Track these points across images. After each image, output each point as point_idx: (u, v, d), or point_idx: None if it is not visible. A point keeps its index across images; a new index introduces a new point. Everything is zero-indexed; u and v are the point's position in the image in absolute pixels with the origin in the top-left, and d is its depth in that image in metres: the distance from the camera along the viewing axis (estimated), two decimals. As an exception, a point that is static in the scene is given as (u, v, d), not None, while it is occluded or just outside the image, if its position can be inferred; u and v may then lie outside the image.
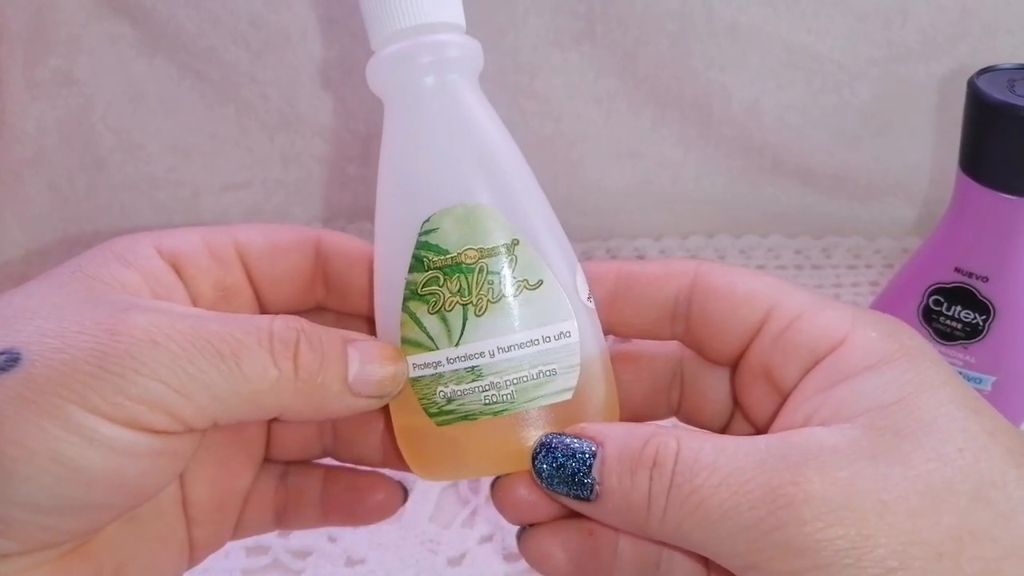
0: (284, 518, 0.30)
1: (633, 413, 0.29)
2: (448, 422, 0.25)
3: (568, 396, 0.25)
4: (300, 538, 0.43)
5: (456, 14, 0.26)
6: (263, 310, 0.28)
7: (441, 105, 0.26)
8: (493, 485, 0.26)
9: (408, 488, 0.31)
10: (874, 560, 0.19)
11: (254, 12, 0.56)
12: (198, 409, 0.21)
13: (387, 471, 0.30)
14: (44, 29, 0.57)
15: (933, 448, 0.20)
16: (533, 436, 0.24)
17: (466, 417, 0.24)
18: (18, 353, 0.20)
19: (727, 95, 0.58)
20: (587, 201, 0.62)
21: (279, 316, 0.23)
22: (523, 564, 0.41)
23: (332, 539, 0.42)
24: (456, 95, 0.26)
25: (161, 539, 0.26)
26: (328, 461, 0.31)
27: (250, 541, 0.42)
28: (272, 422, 0.29)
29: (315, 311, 0.29)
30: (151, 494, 0.23)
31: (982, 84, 0.37)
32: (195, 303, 0.26)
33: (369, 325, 0.28)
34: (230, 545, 0.42)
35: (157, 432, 0.21)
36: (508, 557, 0.41)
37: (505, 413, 0.24)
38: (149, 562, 0.25)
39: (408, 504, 0.43)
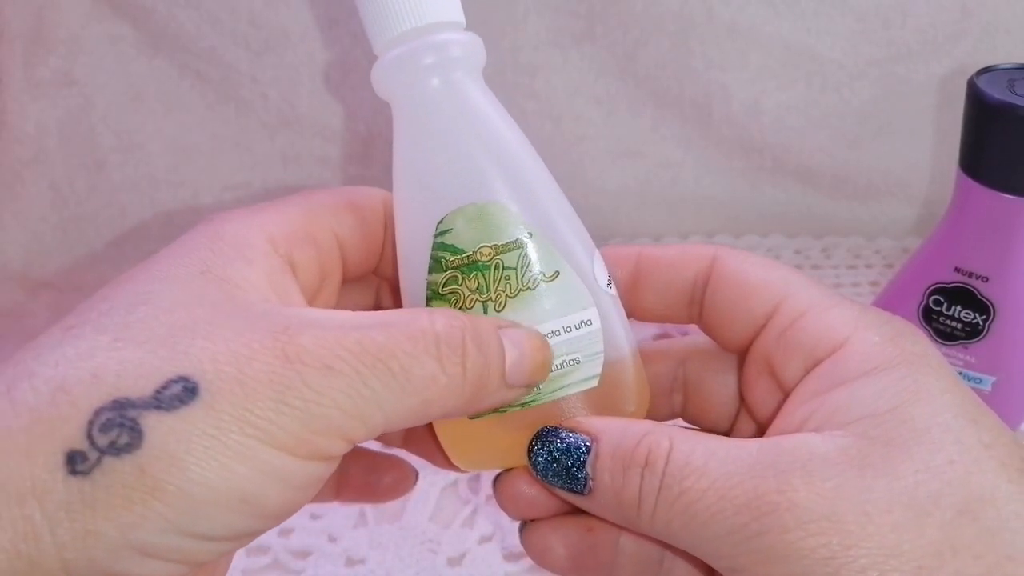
0: None
1: None
2: (479, 415, 0.25)
3: (594, 384, 0.25)
4: (300, 538, 0.43)
5: (455, 12, 0.26)
6: (345, 278, 0.28)
7: (447, 105, 0.26)
8: (496, 480, 0.26)
9: (418, 471, 0.31)
10: (853, 571, 0.19)
11: (254, 12, 0.56)
12: (370, 430, 0.21)
13: (402, 453, 0.31)
14: (44, 29, 0.57)
15: (922, 459, 0.20)
16: None
17: (495, 410, 0.25)
18: (195, 383, 0.19)
19: (727, 95, 0.58)
20: (587, 201, 0.62)
21: (437, 313, 0.22)
22: (523, 564, 0.41)
23: (332, 539, 0.42)
24: (462, 94, 0.26)
25: None
26: None
27: (250, 541, 0.42)
28: None
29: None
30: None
31: (982, 84, 0.37)
32: (305, 293, 0.25)
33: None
34: (230, 545, 0.42)
35: (330, 458, 0.21)
36: (508, 557, 0.41)
37: (532, 404, 0.25)
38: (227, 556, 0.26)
39: (408, 504, 0.44)
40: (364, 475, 0.31)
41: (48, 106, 0.59)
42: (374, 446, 0.32)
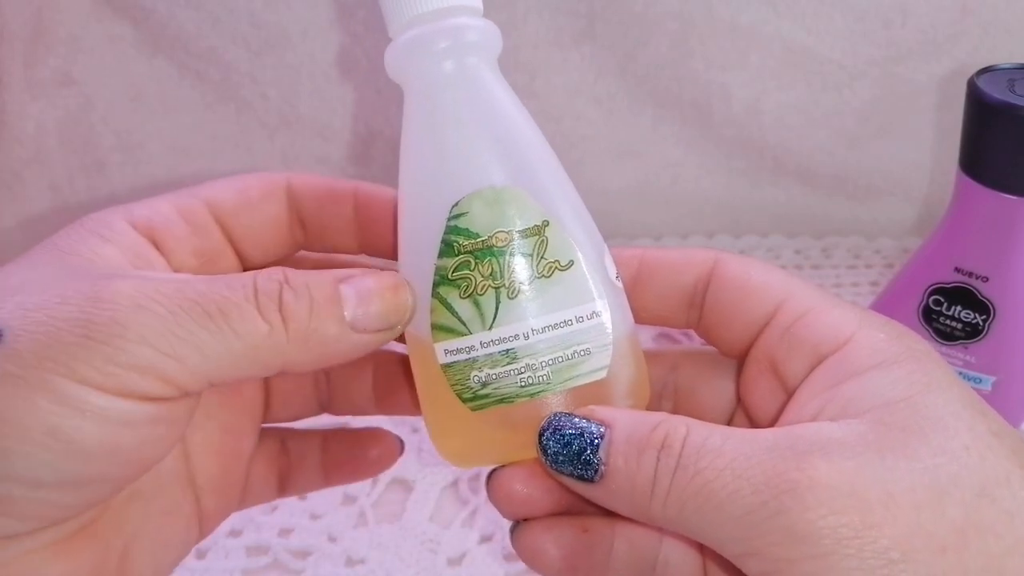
0: (287, 483, 0.30)
1: None
2: (483, 406, 0.25)
3: (603, 375, 0.25)
4: (300, 538, 0.43)
5: None
6: (246, 266, 0.28)
7: (463, 89, 0.26)
8: (489, 478, 0.26)
9: (403, 440, 0.31)
10: (876, 551, 0.19)
11: (254, 12, 0.56)
12: (190, 371, 0.21)
13: (383, 422, 0.31)
14: (44, 29, 0.57)
15: (940, 444, 0.20)
16: None
17: (502, 400, 0.24)
18: (0, 329, 0.20)
19: (727, 95, 0.58)
20: (587, 201, 0.62)
21: (263, 270, 0.23)
22: (524, 565, 0.41)
23: (332, 539, 0.42)
24: (477, 79, 0.26)
25: (167, 514, 0.26)
26: (324, 424, 0.31)
27: (250, 541, 0.42)
28: (269, 380, 0.30)
29: (296, 257, 0.30)
30: (152, 463, 0.22)
31: (982, 84, 0.37)
32: (182, 270, 0.25)
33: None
34: (230, 545, 0.42)
35: (151, 399, 0.21)
36: (508, 557, 0.41)
37: (542, 394, 0.24)
38: (156, 538, 0.25)
39: (408, 504, 0.44)
40: (348, 453, 0.31)
41: (48, 106, 0.59)
42: (355, 423, 0.32)
